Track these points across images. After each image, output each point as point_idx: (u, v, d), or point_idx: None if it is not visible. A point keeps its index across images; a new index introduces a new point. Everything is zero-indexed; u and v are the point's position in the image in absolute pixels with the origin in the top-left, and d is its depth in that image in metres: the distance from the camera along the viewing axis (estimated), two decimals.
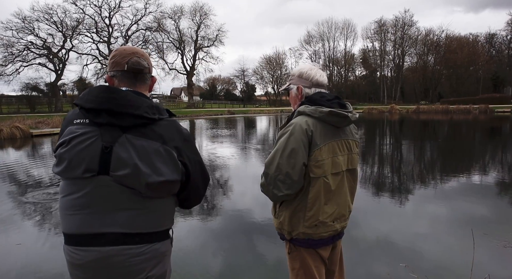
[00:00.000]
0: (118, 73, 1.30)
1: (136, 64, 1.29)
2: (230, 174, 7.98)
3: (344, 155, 1.72)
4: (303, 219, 1.67)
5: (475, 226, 4.41)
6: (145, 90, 1.35)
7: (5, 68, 37.89)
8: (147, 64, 1.33)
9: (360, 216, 4.93)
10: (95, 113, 1.17)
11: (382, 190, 6.64)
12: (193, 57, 54.79)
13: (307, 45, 67.71)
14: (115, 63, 1.30)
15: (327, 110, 1.62)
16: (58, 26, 40.91)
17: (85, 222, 1.18)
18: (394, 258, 3.60)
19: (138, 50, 1.34)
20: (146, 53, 1.38)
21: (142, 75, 1.32)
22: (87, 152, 1.16)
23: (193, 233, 4.34)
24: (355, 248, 3.83)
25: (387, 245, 3.98)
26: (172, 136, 1.23)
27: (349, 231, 4.38)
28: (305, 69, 1.76)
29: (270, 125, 27.00)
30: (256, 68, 68.91)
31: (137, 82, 1.31)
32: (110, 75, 1.32)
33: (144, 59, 1.32)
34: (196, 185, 1.33)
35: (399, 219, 4.91)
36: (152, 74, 1.39)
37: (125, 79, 1.30)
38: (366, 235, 4.24)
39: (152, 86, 1.40)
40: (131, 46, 1.37)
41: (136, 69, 1.29)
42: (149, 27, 48.04)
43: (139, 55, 1.31)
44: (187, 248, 3.81)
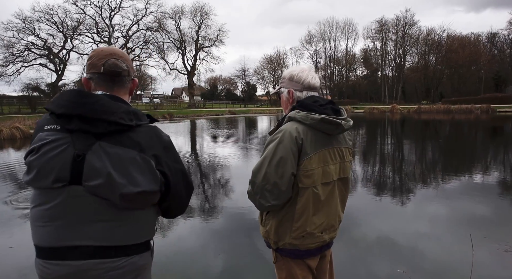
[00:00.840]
0: (95, 76, 1.23)
1: (113, 66, 1.22)
2: (230, 173, 7.93)
3: (336, 164, 1.64)
4: (290, 229, 1.60)
5: (476, 228, 4.34)
6: (123, 94, 1.28)
7: (6, 68, 38.01)
8: (126, 66, 1.25)
9: (360, 216, 4.87)
10: (67, 119, 1.10)
11: (382, 189, 6.58)
12: (194, 57, 54.79)
13: (308, 45, 67.72)
14: (91, 65, 1.24)
15: (318, 118, 1.53)
16: (58, 27, 40.98)
17: (57, 234, 1.11)
18: (394, 259, 3.54)
19: (117, 51, 1.27)
20: (126, 54, 1.30)
21: (120, 78, 1.24)
22: (57, 160, 1.09)
23: (194, 232, 4.30)
24: (353, 248, 3.77)
25: (387, 245, 3.92)
26: (150, 144, 1.16)
27: (349, 231, 4.38)
28: (296, 72, 1.68)
29: (271, 125, 26.94)
30: (257, 68, 69.03)
31: (114, 86, 1.24)
32: (87, 77, 1.25)
33: (122, 61, 1.25)
34: (178, 195, 1.25)
35: (399, 219, 4.85)
36: (133, 77, 1.31)
37: (102, 82, 1.23)
38: (366, 235, 4.19)
39: (133, 90, 1.32)
40: (109, 47, 1.30)
41: (113, 72, 1.22)
42: (149, 27, 48.07)
43: (117, 57, 1.24)
44: (187, 248, 3.76)
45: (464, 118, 29.10)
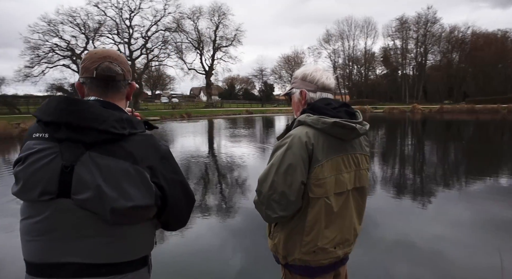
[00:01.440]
0: (88, 80, 1.14)
1: (106, 70, 1.12)
2: (247, 173, 7.94)
3: (351, 172, 1.50)
4: (299, 243, 1.46)
5: (503, 233, 4.15)
6: (119, 100, 1.18)
7: (32, 70, 39.29)
8: (121, 69, 1.15)
9: (379, 217, 4.75)
10: (55, 127, 1.02)
11: (402, 191, 6.41)
12: (212, 57, 55.16)
13: (326, 44, 66.88)
14: (84, 68, 1.15)
15: (331, 121, 1.40)
16: (81, 28, 42.07)
17: (45, 250, 1.03)
18: (413, 263, 3.43)
19: (111, 53, 1.17)
20: (122, 56, 1.20)
21: (114, 82, 1.14)
22: (44, 171, 1.01)
23: (211, 231, 4.30)
24: (371, 251, 3.67)
25: (407, 248, 3.80)
26: (145, 155, 1.06)
27: (366, 233, 4.28)
28: (310, 71, 1.55)
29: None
30: (274, 68, 68.75)
31: (108, 91, 1.14)
32: (80, 82, 1.16)
33: (117, 64, 1.15)
34: (177, 208, 1.16)
35: (419, 222, 4.70)
36: (129, 81, 1.22)
37: (95, 87, 1.14)
38: (384, 237, 4.07)
39: (131, 94, 1.24)
40: (104, 49, 1.19)
41: (107, 76, 1.12)
42: (168, 28, 48.70)
43: (111, 59, 1.14)
44: (205, 246, 3.76)
45: (490, 119, 28.07)
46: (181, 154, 11.36)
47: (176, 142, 15.62)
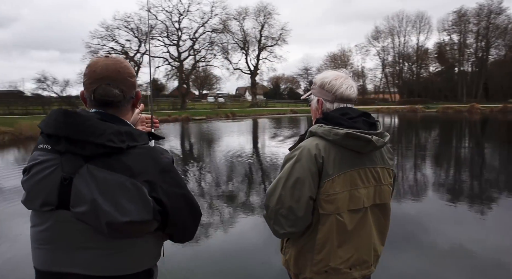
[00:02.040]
0: (88, 99, 1.13)
1: (103, 94, 1.08)
2: None
3: (369, 187, 1.38)
4: (310, 262, 1.37)
5: None
6: (122, 112, 1.15)
7: None
8: (120, 90, 1.10)
9: (431, 223, 4.44)
10: (56, 139, 1.03)
11: (457, 196, 5.95)
12: (257, 57, 55.53)
13: (374, 41, 64.31)
14: (84, 85, 1.12)
15: (343, 133, 1.29)
16: (134, 32, 44.55)
17: (49, 259, 1.05)
18: (470, 272, 3.14)
19: (111, 71, 1.10)
20: (124, 71, 1.12)
21: (114, 104, 1.11)
22: (45, 182, 1.02)
23: (255, 229, 4.31)
24: (422, 258, 3.43)
25: (461, 257, 3.50)
26: (144, 168, 1.03)
27: (417, 239, 4.01)
28: (329, 79, 1.43)
29: None
30: (320, 67, 67.47)
31: (108, 109, 1.12)
32: (84, 95, 1.15)
33: (116, 85, 1.09)
34: (181, 223, 1.13)
35: (477, 230, 4.31)
36: (132, 96, 1.16)
37: (94, 105, 1.13)
38: (436, 244, 3.79)
39: (137, 103, 1.20)
40: (104, 64, 1.10)
41: (104, 101, 1.09)
42: (215, 29, 49.85)
43: (110, 80, 1.09)
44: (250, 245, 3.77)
45: None
46: (225, 153, 11.55)
47: (220, 141, 15.94)
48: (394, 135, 18.16)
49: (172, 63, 49.16)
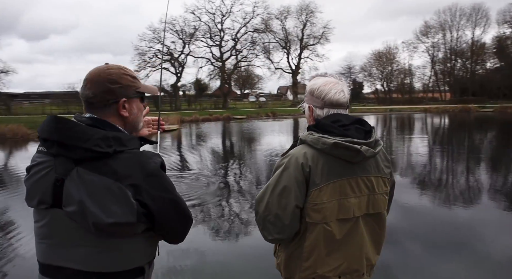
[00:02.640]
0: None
1: (80, 94, 1.19)
2: None
3: (361, 197, 1.35)
4: (299, 268, 1.38)
5: None
6: (110, 116, 1.18)
7: (139, 73, 44.64)
8: (92, 93, 1.15)
9: (487, 232, 4.09)
10: (50, 143, 1.10)
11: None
12: (299, 56, 55.04)
13: (423, 37, 60.80)
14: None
15: (331, 142, 1.27)
16: (179, 34, 46.18)
17: (47, 253, 1.14)
18: None
19: (93, 74, 1.18)
20: (106, 74, 1.18)
21: (90, 105, 1.18)
22: (41, 183, 1.10)
23: None
24: (478, 268, 3.17)
25: None
26: (129, 173, 1.07)
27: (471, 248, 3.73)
28: (317, 85, 1.42)
29: (378, 125, 25.22)
30: (364, 65, 65.35)
31: (93, 110, 1.18)
32: None
33: (91, 86, 1.16)
34: (168, 226, 1.16)
35: None
36: (114, 100, 1.18)
37: (86, 108, 1.21)
38: (493, 254, 3.48)
39: (120, 110, 1.19)
40: (95, 68, 1.20)
41: (82, 99, 1.19)
42: (256, 29, 50.16)
43: (87, 82, 1.17)
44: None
45: None
46: (264, 152, 11.57)
47: (260, 140, 15.99)
48: (444, 136, 17.10)
49: (215, 63, 50.26)
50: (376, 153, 1.34)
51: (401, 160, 9.99)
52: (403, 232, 4.42)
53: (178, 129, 22.25)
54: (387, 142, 14.91)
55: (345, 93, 1.41)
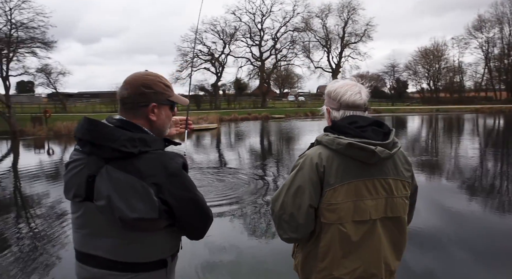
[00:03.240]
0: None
1: (117, 93, 1.29)
2: None
3: (379, 199, 1.33)
4: (315, 269, 1.38)
5: None
6: (138, 119, 1.27)
7: (181, 73, 46.13)
8: (127, 93, 1.26)
9: None
10: (83, 143, 1.21)
11: None
12: (339, 55, 53.92)
13: (477, 32, 56.85)
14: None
15: (345, 142, 1.27)
16: (220, 35, 47.09)
17: (82, 241, 1.25)
18: None
19: (131, 77, 1.29)
20: (142, 79, 1.27)
21: (123, 104, 1.28)
22: (76, 178, 1.21)
23: None
24: None
25: None
26: (152, 172, 1.16)
27: None
28: (334, 87, 1.44)
29: (422, 126, 24.01)
30: (408, 63, 62.42)
31: (124, 111, 1.28)
32: None
33: (128, 87, 1.26)
34: (188, 223, 1.24)
35: None
36: (143, 104, 1.26)
37: (119, 108, 1.31)
38: None
39: (149, 114, 1.27)
40: (135, 73, 1.32)
41: (119, 100, 1.29)
42: (296, 28, 49.80)
43: (124, 84, 1.28)
44: None
45: None
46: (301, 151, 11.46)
47: (297, 140, 15.87)
48: (497, 138, 15.91)
49: (254, 63, 50.63)
50: (392, 154, 1.32)
51: (448, 163, 9.45)
52: (448, 238, 4.20)
53: (217, 128, 22.70)
54: (433, 144, 14.16)
55: (362, 95, 1.41)
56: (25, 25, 20.98)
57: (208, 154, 11.76)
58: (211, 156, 11.39)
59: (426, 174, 8.02)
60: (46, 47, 22.47)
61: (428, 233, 4.26)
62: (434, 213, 5.12)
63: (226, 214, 5.11)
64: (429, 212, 5.07)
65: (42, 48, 22.37)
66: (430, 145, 14.04)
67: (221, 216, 4.98)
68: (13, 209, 6.03)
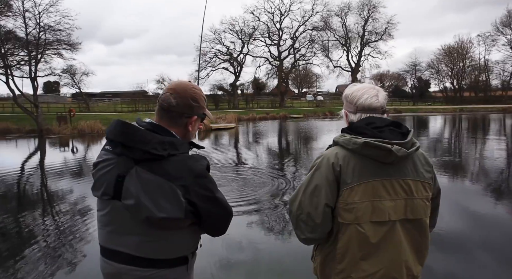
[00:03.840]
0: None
1: (162, 99, 1.32)
2: None
3: (397, 200, 1.31)
4: (334, 271, 1.37)
5: None
6: (173, 126, 1.32)
7: (200, 73, 46.72)
8: (176, 102, 1.30)
9: None
10: (115, 144, 1.26)
11: None
12: (359, 54, 53.08)
13: (505, 28, 54.54)
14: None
15: (361, 142, 1.28)
16: (238, 34, 47.27)
17: (107, 238, 1.31)
18: None
19: (180, 87, 1.33)
20: (191, 91, 1.33)
21: (167, 112, 1.32)
22: (106, 177, 1.27)
23: None
24: None
25: None
26: (180, 174, 1.21)
27: None
28: (351, 91, 1.45)
29: (445, 126, 23.34)
30: (431, 61, 60.72)
31: (163, 117, 1.33)
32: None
33: (176, 97, 1.30)
34: (211, 221, 1.30)
35: None
36: (188, 116, 1.33)
37: (157, 110, 1.34)
38: None
39: (189, 125, 1.35)
40: (181, 82, 1.37)
41: (161, 105, 1.32)
42: (315, 27, 49.38)
43: (172, 92, 1.31)
44: None
45: None
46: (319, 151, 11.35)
47: (315, 139, 15.75)
48: None
49: (273, 62, 50.53)
50: (409, 153, 1.30)
51: (473, 165, 9.16)
52: (472, 242, 4.08)
53: (235, 128, 22.81)
54: (456, 144, 13.75)
55: (379, 98, 1.41)
56: (52, 28, 21.72)
57: (227, 153, 11.84)
58: (229, 155, 11.47)
59: (449, 176, 7.81)
60: (71, 49, 23.17)
61: (452, 236, 4.15)
62: (458, 217, 4.98)
63: (245, 214, 5.14)
64: (453, 215, 4.93)
65: (68, 49, 23.09)
66: (453, 145, 13.64)
67: (239, 215, 5.01)
68: (39, 204, 6.27)
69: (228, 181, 7.25)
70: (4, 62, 20.12)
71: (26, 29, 21.04)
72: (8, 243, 4.29)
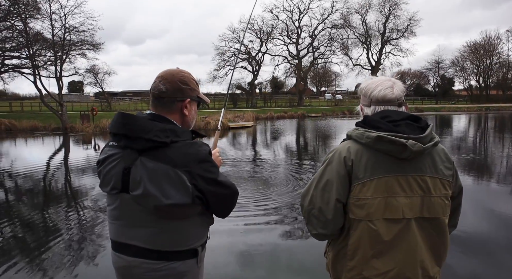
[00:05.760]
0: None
1: (153, 88, 1.34)
2: None
3: (413, 197, 1.26)
4: (345, 268, 1.34)
5: None
6: (169, 113, 1.34)
7: (218, 72, 46.99)
8: (165, 88, 1.32)
9: None
10: (118, 137, 1.28)
11: None
12: (379, 51, 52.11)
13: None
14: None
15: (374, 135, 1.23)
16: (257, 33, 47.32)
17: (117, 232, 1.32)
18: None
19: (167, 73, 1.35)
20: (179, 75, 1.35)
21: (159, 99, 1.33)
22: (113, 171, 1.28)
23: None
24: None
25: None
26: (184, 160, 1.22)
27: None
28: (365, 84, 1.41)
29: (470, 125, 22.59)
30: (455, 59, 58.87)
31: (157, 106, 1.34)
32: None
33: (165, 83, 1.32)
34: (219, 202, 1.30)
35: None
36: (180, 99, 1.34)
37: (151, 102, 1.36)
38: None
39: (184, 109, 1.36)
40: (168, 69, 1.38)
41: (153, 94, 1.34)
42: (335, 25, 48.81)
43: (161, 79, 1.33)
44: None
45: None
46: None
47: (333, 139, 15.56)
48: None
49: (291, 61, 50.32)
50: (425, 148, 1.24)
51: (500, 165, 8.82)
52: (497, 244, 3.94)
53: (253, 126, 22.85)
54: (482, 144, 13.28)
55: (394, 90, 1.35)
56: (76, 29, 22.40)
57: (244, 151, 11.87)
58: (247, 153, 11.50)
59: (474, 175, 7.57)
60: (94, 49, 23.84)
61: (476, 238, 4.02)
62: (482, 217, 4.81)
63: (263, 212, 5.14)
64: (477, 216, 4.78)
65: (91, 49, 23.76)
66: (478, 144, 13.19)
67: (258, 214, 5.03)
68: (63, 199, 6.48)
69: (246, 179, 7.27)
70: (32, 63, 20.92)
71: (52, 30, 21.84)
72: (35, 236, 4.46)
